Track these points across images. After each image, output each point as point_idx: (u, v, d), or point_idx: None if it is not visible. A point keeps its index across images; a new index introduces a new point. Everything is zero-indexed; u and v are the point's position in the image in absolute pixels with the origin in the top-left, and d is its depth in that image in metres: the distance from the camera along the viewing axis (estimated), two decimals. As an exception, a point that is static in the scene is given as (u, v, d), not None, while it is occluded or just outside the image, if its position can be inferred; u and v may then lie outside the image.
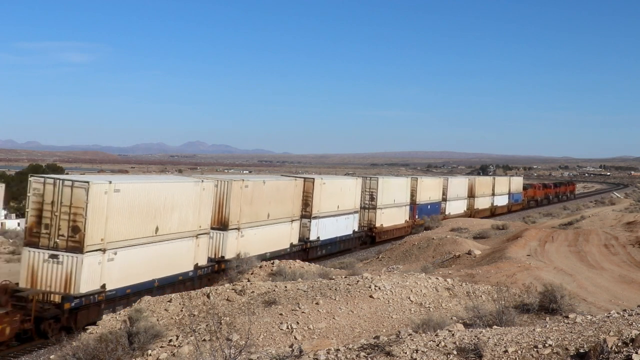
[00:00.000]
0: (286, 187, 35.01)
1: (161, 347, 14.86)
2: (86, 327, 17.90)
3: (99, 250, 21.22)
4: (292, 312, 15.89)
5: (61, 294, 20.44)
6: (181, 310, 17.34)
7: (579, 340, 9.80)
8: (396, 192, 49.74)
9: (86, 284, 20.75)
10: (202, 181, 27.23)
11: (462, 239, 34.28)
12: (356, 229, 43.37)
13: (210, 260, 27.98)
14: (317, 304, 16.30)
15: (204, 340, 14.59)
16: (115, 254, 21.93)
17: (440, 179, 62.70)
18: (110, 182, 21.87)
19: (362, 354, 10.55)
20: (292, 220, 35.51)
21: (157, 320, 16.72)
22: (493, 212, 73.67)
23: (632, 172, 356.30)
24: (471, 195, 68.45)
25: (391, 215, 48.82)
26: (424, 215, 53.83)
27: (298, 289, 17.83)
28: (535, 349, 9.62)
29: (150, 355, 14.41)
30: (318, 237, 38.23)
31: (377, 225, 46.51)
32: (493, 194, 75.50)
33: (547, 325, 11.22)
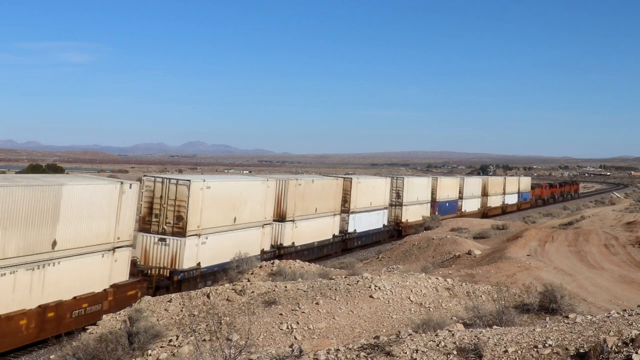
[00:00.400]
0: (330, 186, 40.06)
1: (161, 347, 14.86)
2: (86, 327, 17.90)
3: (196, 235, 26.66)
4: (292, 312, 15.89)
5: (169, 269, 25.85)
6: (181, 310, 17.34)
7: (579, 340, 9.80)
8: (419, 191, 54.93)
9: (187, 261, 26.19)
10: (267, 180, 32.56)
11: (462, 239, 34.29)
12: (385, 223, 48.66)
13: (271, 246, 32.92)
14: (317, 304, 16.30)
15: (204, 340, 14.59)
16: (207, 238, 27.35)
17: (457, 179, 67.56)
18: (204, 181, 27.36)
19: (362, 354, 10.56)
20: (334, 215, 40.53)
21: (157, 320, 16.72)
22: (504, 210, 79.13)
23: (632, 172, 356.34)
24: (484, 194, 73.04)
25: (415, 212, 53.73)
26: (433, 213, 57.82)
27: (298, 289, 17.83)
28: (535, 349, 9.62)
29: (150, 355, 14.41)
30: (355, 230, 43.28)
31: (403, 220, 51.42)
32: (504, 193, 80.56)
33: (547, 325, 11.22)
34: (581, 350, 9.33)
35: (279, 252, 33.37)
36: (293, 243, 35.21)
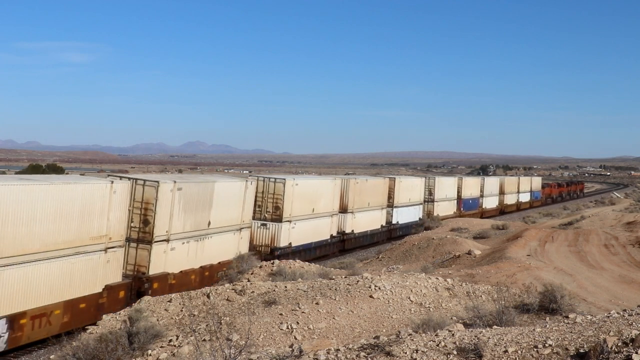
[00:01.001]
0: (378, 184, 47.98)
1: (161, 347, 14.86)
2: (86, 327, 17.90)
3: (288, 221, 34.66)
4: (292, 312, 15.89)
5: (270, 247, 33.78)
6: (181, 310, 17.34)
7: (579, 340, 9.80)
8: (447, 189, 62.99)
9: (283, 241, 34.30)
10: (335, 179, 40.56)
11: (462, 239, 34.29)
12: (421, 217, 55.56)
13: (337, 232, 40.83)
14: (317, 304, 16.30)
15: (204, 340, 14.59)
16: (295, 224, 35.33)
17: (479, 179, 75.91)
18: (294, 179, 35.01)
19: (362, 354, 10.56)
20: (382, 208, 48.25)
21: (157, 320, 16.72)
22: (518, 207, 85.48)
23: (632, 172, 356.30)
24: (501, 192, 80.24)
25: (444, 207, 61.66)
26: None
27: (298, 289, 17.83)
28: (535, 349, 9.62)
29: (150, 355, 14.41)
30: (397, 222, 50.91)
31: (435, 214, 57.69)
32: (518, 192, 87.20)
33: (547, 325, 11.22)
34: (581, 350, 9.33)
35: (342, 237, 41.46)
36: (352, 231, 42.80)
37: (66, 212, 19.62)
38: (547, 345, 9.70)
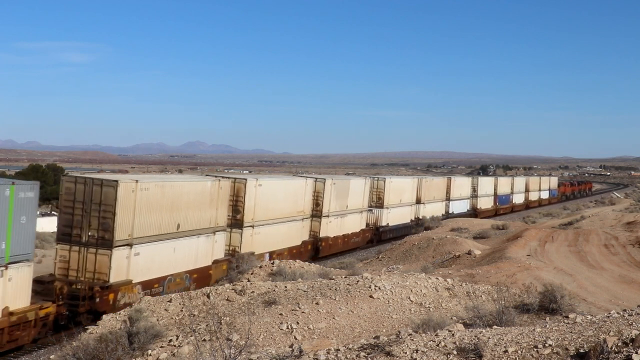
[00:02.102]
0: (442, 182, 63.28)
1: (161, 347, 14.86)
2: (86, 327, 17.90)
3: (386, 207, 49.18)
4: (292, 312, 15.89)
5: (376, 225, 48.27)
6: (181, 310, 17.34)
7: (579, 340, 9.80)
8: (487, 187, 76.15)
9: (384, 221, 49.38)
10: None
11: (462, 239, 34.28)
12: (469, 209, 69.67)
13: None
14: (317, 304, 16.30)
15: (204, 340, 14.59)
16: (390, 210, 50.12)
17: (510, 179, 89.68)
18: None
19: (362, 354, 10.55)
20: (442, 201, 63.11)
21: (157, 320, 16.72)
22: (539, 203, 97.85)
23: (632, 172, 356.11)
24: (526, 190, 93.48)
25: (485, 201, 75.46)
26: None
27: (298, 289, 17.83)
28: (535, 349, 9.62)
29: (150, 355, 14.41)
30: (452, 212, 64.38)
31: (478, 207, 72.03)
32: (539, 190, 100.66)
33: (547, 325, 11.22)
34: (581, 350, 9.33)
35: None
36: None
37: (287, 196, 35.40)
38: (547, 345, 9.70)
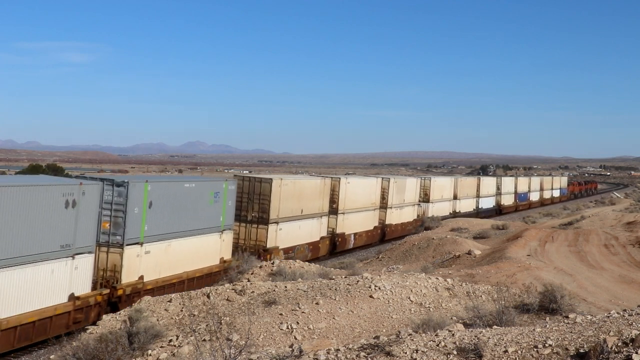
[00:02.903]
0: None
1: (161, 347, 14.86)
2: (86, 327, 17.90)
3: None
4: (292, 312, 15.89)
5: (422, 217, 54.67)
6: (181, 310, 17.34)
7: (579, 340, 9.80)
8: (508, 186, 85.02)
9: (430, 213, 55.88)
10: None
11: (462, 239, 34.28)
12: (494, 205, 77.74)
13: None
14: (317, 304, 16.30)
15: (204, 340, 14.59)
16: (434, 204, 58.41)
17: (527, 178, 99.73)
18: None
19: (362, 354, 10.55)
20: (473, 198, 70.54)
21: (157, 320, 16.72)
22: (552, 201, 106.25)
23: (632, 172, 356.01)
24: (541, 188, 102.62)
25: (507, 198, 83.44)
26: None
27: (298, 289, 17.83)
28: (535, 349, 9.62)
29: (150, 355, 14.41)
30: (482, 207, 72.40)
31: (502, 203, 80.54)
32: (552, 188, 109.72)
33: (547, 325, 11.22)
34: (581, 350, 9.33)
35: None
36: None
37: (364, 191, 44.26)
38: (547, 345, 9.70)
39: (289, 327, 15.07)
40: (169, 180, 30.42)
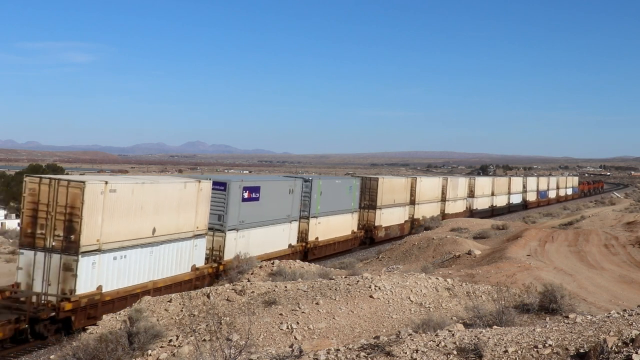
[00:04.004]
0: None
1: (161, 347, 14.86)
2: (86, 327, 17.90)
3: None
4: (292, 312, 15.89)
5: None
6: (181, 310, 17.34)
7: (579, 340, 9.80)
8: (532, 184, 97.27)
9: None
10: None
11: (462, 239, 34.28)
12: (521, 201, 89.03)
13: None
14: (317, 304, 16.30)
15: (204, 340, 14.59)
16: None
17: (547, 178, 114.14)
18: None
19: (362, 354, 10.55)
20: (506, 194, 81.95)
21: (157, 320, 16.72)
22: (566, 198, 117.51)
23: (632, 172, 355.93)
24: (557, 187, 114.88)
25: (531, 195, 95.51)
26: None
27: (298, 289, 17.83)
28: (535, 349, 9.62)
29: (150, 355, 14.41)
30: (512, 202, 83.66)
31: (527, 200, 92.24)
32: (566, 187, 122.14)
33: (547, 325, 11.22)
34: (581, 350, 9.33)
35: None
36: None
37: (432, 188, 58.46)
38: (547, 345, 9.70)
39: (289, 327, 15.06)
40: (330, 178, 43.59)
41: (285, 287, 18.13)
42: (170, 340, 15.09)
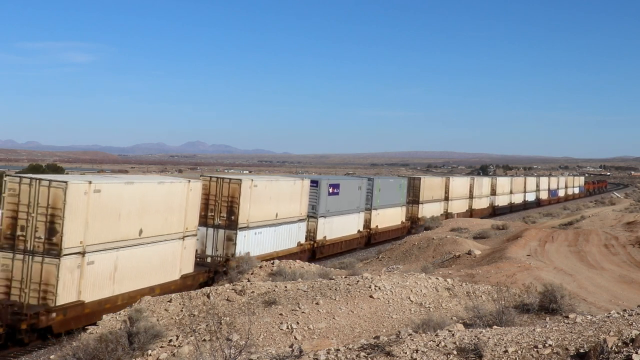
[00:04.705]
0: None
1: (161, 347, 14.85)
2: (86, 327, 17.89)
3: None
4: (292, 312, 15.89)
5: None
6: (181, 310, 17.34)
7: (579, 340, 9.80)
8: (544, 184, 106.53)
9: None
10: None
11: (462, 239, 34.28)
12: (535, 199, 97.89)
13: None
14: (317, 304, 16.30)
15: (204, 340, 14.59)
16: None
17: (556, 177, 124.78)
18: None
19: (362, 354, 10.55)
20: (522, 192, 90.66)
21: (157, 320, 16.71)
22: (574, 197, 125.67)
23: (632, 172, 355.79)
24: (566, 186, 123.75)
25: (544, 194, 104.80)
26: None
27: (298, 289, 17.82)
28: (535, 349, 9.62)
29: (150, 355, 14.41)
30: (528, 200, 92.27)
31: (541, 198, 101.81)
32: (573, 186, 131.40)
33: (547, 325, 11.22)
34: (581, 350, 9.33)
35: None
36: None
37: (483, 185, 74.15)
38: (547, 345, 9.70)
39: (289, 327, 15.06)
40: (385, 178, 52.07)
41: (285, 287, 18.12)
42: (170, 340, 15.09)
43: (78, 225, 20.07)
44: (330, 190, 38.02)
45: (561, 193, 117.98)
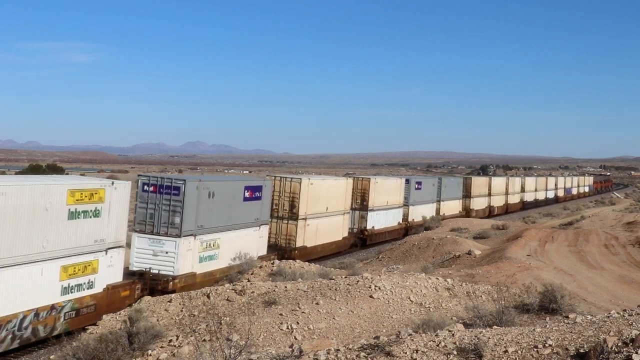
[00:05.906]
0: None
1: (161, 347, 14.86)
2: (86, 327, 17.90)
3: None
4: (292, 312, 15.89)
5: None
6: (181, 311, 17.34)
7: (579, 340, 9.80)
8: (561, 183, 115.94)
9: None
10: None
11: (462, 239, 34.27)
12: (552, 197, 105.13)
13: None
14: (317, 304, 16.30)
15: (204, 340, 14.59)
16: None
17: (570, 177, 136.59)
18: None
19: (362, 354, 10.55)
20: (544, 191, 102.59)
21: (157, 320, 16.72)
22: (584, 195, 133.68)
23: (632, 172, 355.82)
24: (578, 185, 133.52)
25: (560, 192, 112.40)
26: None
27: (298, 289, 17.83)
28: (535, 349, 9.62)
29: (150, 355, 14.41)
30: (548, 197, 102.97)
31: (559, 195, 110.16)
32: (584, 185, 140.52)
33: (547, 325, 11.22)
34: (581, 350, 9.33)
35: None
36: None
37: (500, 184, 79.51)
38: (547, 345, 9.70)
39: (289, 327, 15.06)
40: (421, 178, 59.01)
41: (285, 287, 18.13)
42: (170, 341, 15.09)
43: (304, 203, 33.42)
44: (416, 186, 52.24)
45: (574, 191, 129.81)
